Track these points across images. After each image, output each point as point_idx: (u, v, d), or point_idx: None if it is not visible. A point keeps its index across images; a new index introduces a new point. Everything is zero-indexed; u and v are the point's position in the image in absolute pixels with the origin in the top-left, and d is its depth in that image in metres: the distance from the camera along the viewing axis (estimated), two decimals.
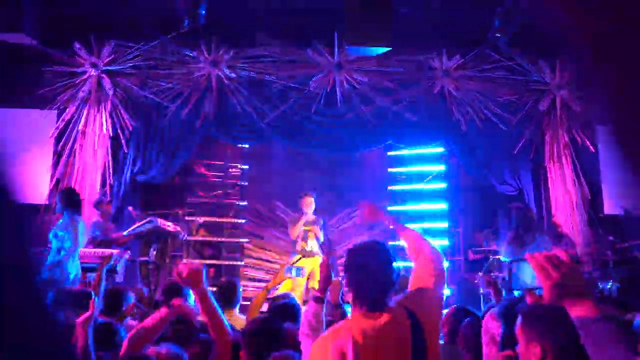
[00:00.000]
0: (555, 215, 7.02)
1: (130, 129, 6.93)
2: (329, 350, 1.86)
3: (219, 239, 7.88)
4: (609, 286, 6.03)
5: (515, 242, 5.34)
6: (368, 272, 1.98)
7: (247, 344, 2.54)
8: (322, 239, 6.57)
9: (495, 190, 7.43)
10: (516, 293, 2.21)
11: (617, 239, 6.68)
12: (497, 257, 7.07)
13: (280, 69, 7.13)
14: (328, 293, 2.43)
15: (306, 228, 6.52)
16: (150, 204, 7.17)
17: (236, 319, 3.75)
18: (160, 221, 6.11)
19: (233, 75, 7.07)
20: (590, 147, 7.14)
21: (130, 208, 6.63)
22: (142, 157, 7.03)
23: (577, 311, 1.30)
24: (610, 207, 7.16)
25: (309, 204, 6.53)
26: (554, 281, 1.35)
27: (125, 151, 6.94)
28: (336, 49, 7.09)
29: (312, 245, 6.47)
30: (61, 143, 6.80)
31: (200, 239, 7.80)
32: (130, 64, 6.93)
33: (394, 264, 2.01)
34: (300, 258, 6.27)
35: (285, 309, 3.40)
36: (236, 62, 7.10)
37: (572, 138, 7.26)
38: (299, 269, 5.65)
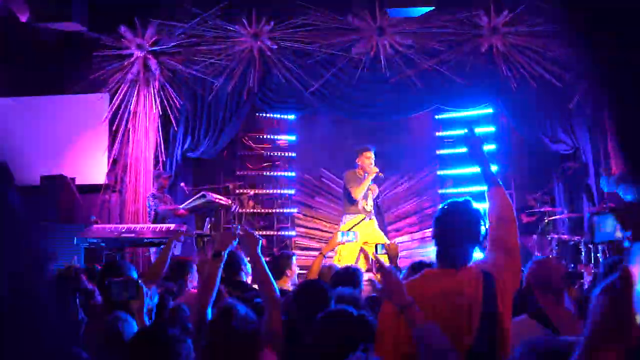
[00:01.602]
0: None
1: (179, 106, 7.12)
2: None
3: (270, 210, 8.05)
4: None
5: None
6: (455, 230, 2.04)
7: (296, 304, 2.66)
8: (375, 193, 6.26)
9: (547, 149, 7.12)
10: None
11: None
12: (551, 218, 6.87)
13: (322, 37, 7.06)
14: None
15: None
16: (202, 179, 7.40)
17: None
18: (212, 195, 6.32)
19: (275, 46, 7.08)
20: None
21: (182, 184, 6.88)
22: (192, 133, 7.23)
23: None
24: None
25: (370, 159, 6.07)
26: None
27: (175, 129, 7.16)
28: (377, 13, 6.94)
29: (370, 203, 6.14)
30: (115, 125, 7.09)
31: (252, 211, 7.99)
32: (174, 43, 7.08)
33: (482, 227, 2.06)
34: (362, 219, 5.97)
35: (344, 274, 3.50)
36: (277, 33, 7.09)
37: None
38: (354, 233, 5.64)
